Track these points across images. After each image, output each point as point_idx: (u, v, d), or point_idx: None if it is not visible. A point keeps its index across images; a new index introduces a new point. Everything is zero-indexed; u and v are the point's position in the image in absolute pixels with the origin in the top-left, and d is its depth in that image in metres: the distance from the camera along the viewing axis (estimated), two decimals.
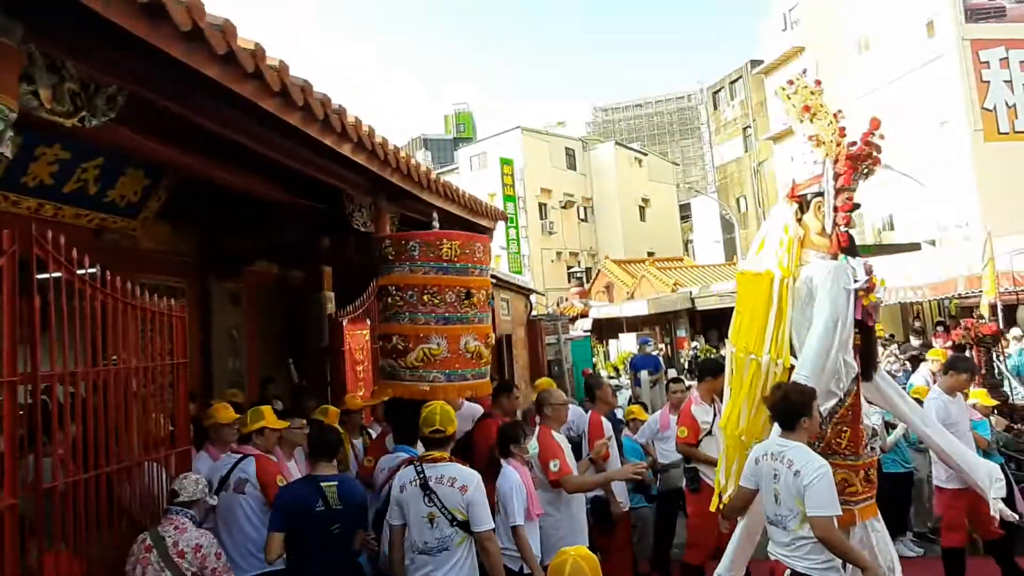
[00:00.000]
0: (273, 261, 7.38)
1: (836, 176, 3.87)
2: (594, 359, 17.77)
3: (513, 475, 3.81)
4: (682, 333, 22.79)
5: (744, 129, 32.89)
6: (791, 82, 4.09)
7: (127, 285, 3.62)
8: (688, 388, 6.36)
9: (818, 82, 4.18)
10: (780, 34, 27.40)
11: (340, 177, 5.79)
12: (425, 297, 4.62)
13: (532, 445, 4.14)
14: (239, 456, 3.95)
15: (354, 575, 3.62)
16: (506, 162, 32.87)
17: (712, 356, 13.22)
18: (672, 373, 13.63)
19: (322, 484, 3.44)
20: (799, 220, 4.13)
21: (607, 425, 5.10)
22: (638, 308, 22.87)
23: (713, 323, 23.45)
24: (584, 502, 4.50)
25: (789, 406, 3.35)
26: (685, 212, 41.66)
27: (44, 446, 3.16)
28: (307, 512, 3.38)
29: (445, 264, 4.71)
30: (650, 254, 33.31)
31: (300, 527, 3.39)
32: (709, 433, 5.19)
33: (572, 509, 4.34)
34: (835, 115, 3.98)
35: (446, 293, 4.66)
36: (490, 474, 3.87)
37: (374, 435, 5.31)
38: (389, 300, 4.74)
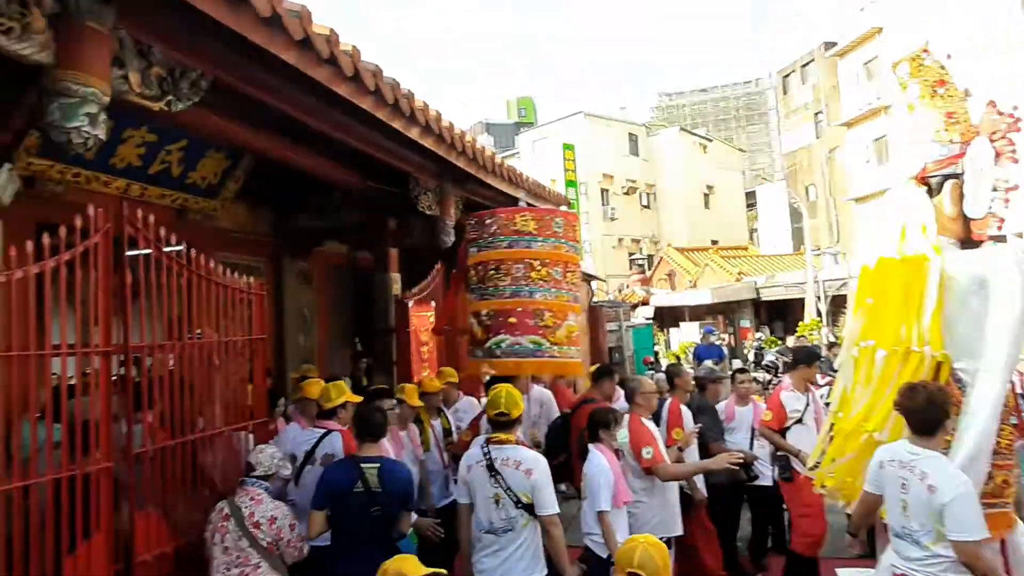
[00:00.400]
0: (342, 242, 7.56)
1: (996, 156, 3.54)
2: (655, 347, 17.57)
3: (600, 460, 3.81)
4: (746, 323, 22.29)
5: (816, 115, 31.66)
6: (917, 57, 3.79)
7: (210, 263, 3.78)
8: (754, 380, 6.26)
9: (949, 56, 3.82)
10: (857, 14, 26.18)
11: (407, 161, 5.87)
12: (534, 273, 4.84)
13: (622, 433, 4.12)
14: (323, 431, 4.03)
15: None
16: (568, 147, 32.63)
17: (807, 344, 12.82)
18: (737, 363, 13.34)
19: (363, 466, 3.42)
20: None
21: (687, 413, 5.04)
22: (701, 297, 22.47)
23: (778, 314, 22.84)
24: (677, 489, 4.46)
25: (932, 410, 3.04)
26: (750, 200, 40.52)
27: (134, 414, 3.35)
28: (346, 493, 3.38)
29: (517, 238, 4.92)
30: (714, 242, 32.61)
31: (339, 507, 3.41)
32: (799, 422, 5.10)
33: (666, 496, 4.29)
34: (964, 92, 3.71)
35: (512, 267, 4.83)
36: (581, 458, 3.89)
37: (459, 416, 5.51)
38: (475, 277, 4.96)
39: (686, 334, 21.44)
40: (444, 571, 2.34)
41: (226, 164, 5.99)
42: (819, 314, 18.12)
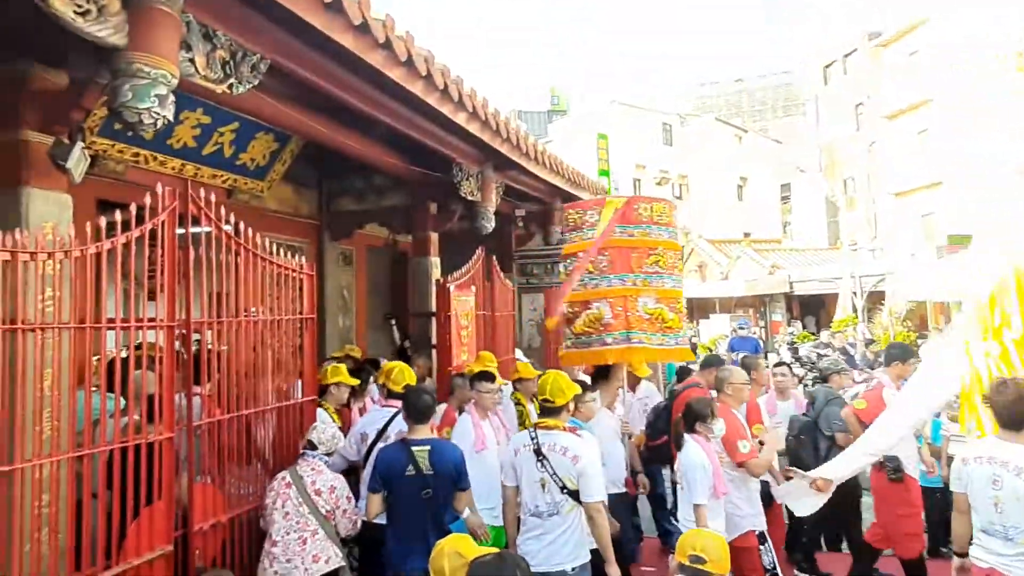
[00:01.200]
0: (383, 225, 7.66)
1: None
2: (692, 338, 17.43)
3: (698, 452, 3.79)
4: (778, 317, 22.01)
5: (856, 106, 30.95)
6: None
7: (264, 242, 3.86)
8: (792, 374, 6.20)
9: None
10: (903, 3, 25.46)
11: (451, 146, 5.91)
12: (634, 263, 4.99)
13: (719, 425, 4.06)
14: (394, 410, 4.11)
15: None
16: (602, 136, 32.33)
17: (902, 340, 12.56)
18: (773, 357, 13.21)
19: (414, 448, 3.48)
20: None
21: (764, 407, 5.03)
22: (733, 289, 22.24)
23: (811, 308, 22.50)
24: (759, 483, 4.40)
25: (1021, 405, 3.02)
26: (785, 192, 39.86)
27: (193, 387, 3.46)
28: (398, 475, 3.46)
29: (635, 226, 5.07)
30: (746, 234, 32.17)
31: (393, 489, 3.50)
32: None
33: (751, 489, 4.25)
34: None
35: (600, 257, 4.95)
36: (676, 446, 3.91)
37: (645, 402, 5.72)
38: (563, 269, 5.10)
39: (716, 326, 21.25)
40: (499, 549, 2.39)
41: (274, 146, 6.09)
42: (855, 310, 17.81)
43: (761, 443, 4.53)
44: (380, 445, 3.94)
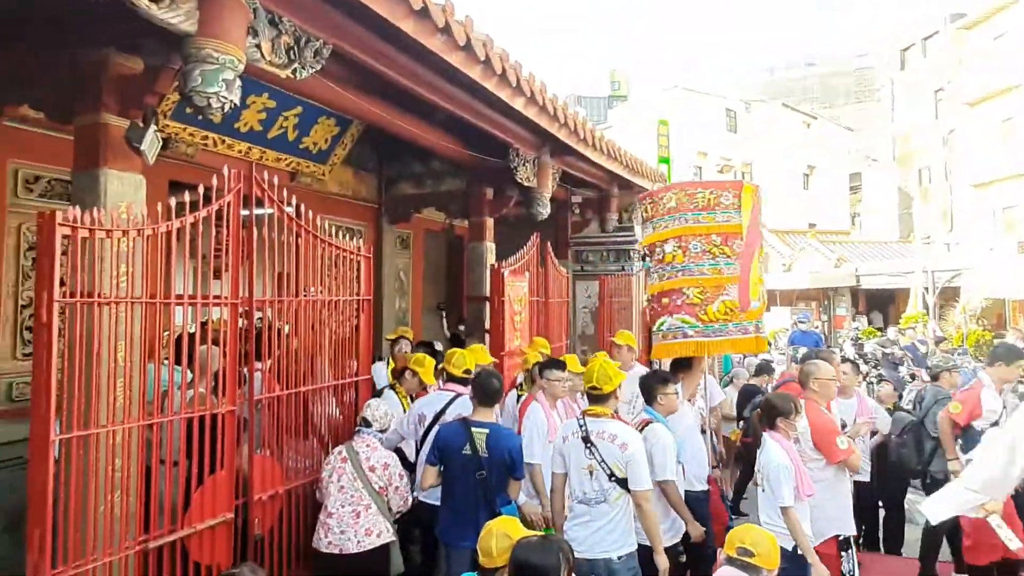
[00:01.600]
0: (439, 210, 7.74)
1: None
2: None
3: (779, 452, 3.64)
4: (842, 311, 21.28)
5: (935, 92, 29.43)
6: None
7: (324, 224, 3.96)
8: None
9: None
10: None
11: (508, 131, 5.92)
12: (714, 249, 4.82)
13: (803, 422, 3.90)
14: (452, 394, 4.19)
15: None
16: (662, 123, 31.75)
17: (1003, 338, 12.02)
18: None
19: (473, 429, 3.56)
20: None
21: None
22: (797, 281, 21.59)
23: (878, 303, 21.65)
24: (850, 484, 4.26)
25: None
26: (854, 182, 38.34)
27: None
28: (455, 453, 3.56)
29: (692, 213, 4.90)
30: (811, 225, 31.13)
31: (449, 466, 3.60)
32: (995, 424, 4.60)
33: (840, 492, 4.10)
34: None
35: (691, 243, 4.82)
36: (754, 443, 3.80)
37: None
38: (646, 258, 4.95)
39: (776, 319, 20.69)
40: (549, 532, 2.41)
41: (335, 131, 6.22)
42: (926, 306, 17.06)
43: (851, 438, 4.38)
44: (435, 429, 3.99)
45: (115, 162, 3.15)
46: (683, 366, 4.86)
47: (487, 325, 6.13)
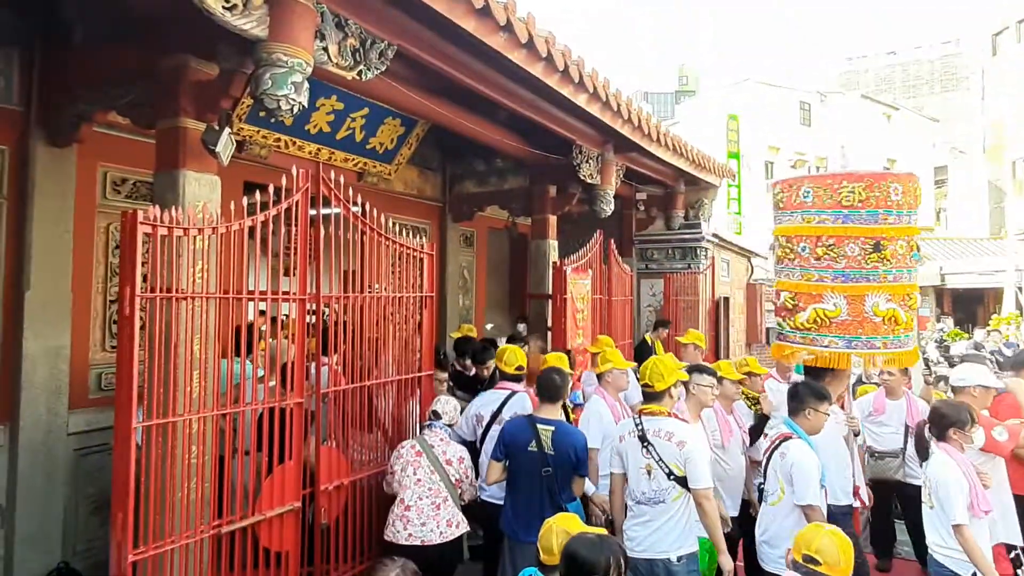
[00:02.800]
0: (503, 208, 7.79)
1: None
2: None
3: (949, 464, 3.38)
4: (925, 312, 20.22)
5: None
6: None
7: (389, 223, 4.04)
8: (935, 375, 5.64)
9: None
10: None
11: (571, 128, 5.89)
12: (819, 250, 4.09)
13: (979, 434, 3.59)
14: (508, 392, 4.23)
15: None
16: (731, 117, 30.96)
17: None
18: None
19: (539, 426, 3.59)
20: None
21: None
22: None
23: (965, 303, 20.47)
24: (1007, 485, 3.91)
25: None
26: (940, 176, 36.33)
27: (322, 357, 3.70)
28: (521, 449, 3.58)
29: (846, 211, 4.08)
30: None
31: (514, 461, 3.62)
32: None
33: (1002, 498, 3.82)
34: None
35: (846, 245, 4.06)
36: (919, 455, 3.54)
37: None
38: (779, 252, 4.34)
39: None
40: (604, 530, 2.39)
41: (401, 131, 6.34)
42: (1019, 307, 16.02)
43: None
44: (495, 428, 4.03)
45: (192, 164, 3.30)
46: (826, 369, 4.26)
47: (549, 323, 6.12)
